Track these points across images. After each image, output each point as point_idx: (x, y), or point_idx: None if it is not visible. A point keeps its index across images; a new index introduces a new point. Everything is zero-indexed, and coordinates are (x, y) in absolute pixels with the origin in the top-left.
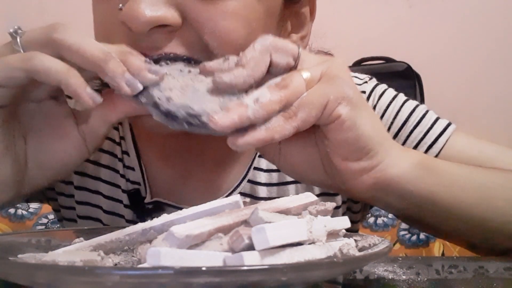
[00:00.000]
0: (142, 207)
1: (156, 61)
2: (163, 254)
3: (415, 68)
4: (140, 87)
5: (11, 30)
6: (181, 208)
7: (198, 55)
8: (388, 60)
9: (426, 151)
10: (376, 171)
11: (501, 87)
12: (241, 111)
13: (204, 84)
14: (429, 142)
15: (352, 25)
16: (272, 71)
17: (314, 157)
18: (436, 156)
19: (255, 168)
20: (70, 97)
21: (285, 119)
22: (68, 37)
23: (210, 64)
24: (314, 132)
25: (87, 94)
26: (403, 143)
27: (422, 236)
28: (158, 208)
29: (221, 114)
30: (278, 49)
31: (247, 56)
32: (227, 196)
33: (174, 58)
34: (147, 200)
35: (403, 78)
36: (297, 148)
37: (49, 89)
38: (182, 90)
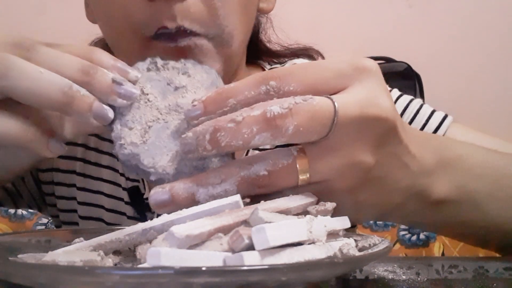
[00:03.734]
0: (142, 203)
1: (175, 34)
2: (163, 254)
3: (415, 68)
4: (111, 116)
5: None
6: None
7: (211, 29)
8: (388, 60)
9: None
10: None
11: (502, 87)
12: (188, 203)
13: (179, 117)
14: None
15: (352, 25)
16: None
17: None
18: None
19: None
20: None
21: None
22: (18, 83)
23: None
24: None
25: (50, 151)
26: None
27: (422, 236)
28: None
29: (161, 200)
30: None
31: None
32: None
33: (189, 33)
34: (146, 195)
35: (403, 78)
36: None
37: None
38: (144, 131)
